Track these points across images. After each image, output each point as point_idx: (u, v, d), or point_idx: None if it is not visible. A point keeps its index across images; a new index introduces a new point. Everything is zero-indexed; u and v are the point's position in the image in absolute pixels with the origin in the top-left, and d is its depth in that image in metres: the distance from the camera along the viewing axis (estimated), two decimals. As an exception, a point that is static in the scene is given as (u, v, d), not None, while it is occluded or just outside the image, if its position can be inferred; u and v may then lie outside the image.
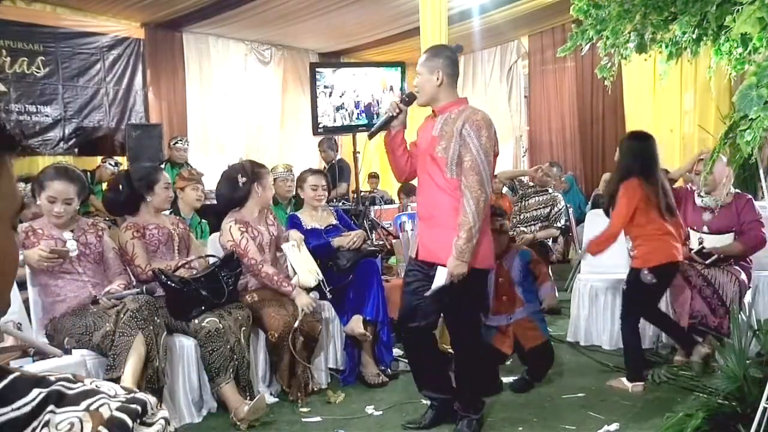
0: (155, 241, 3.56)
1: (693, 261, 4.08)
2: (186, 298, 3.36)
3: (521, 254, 3.78)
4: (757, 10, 1.69)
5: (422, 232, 3.08)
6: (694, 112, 8.06)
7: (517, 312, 3.72)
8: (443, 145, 2.95)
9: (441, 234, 2.95)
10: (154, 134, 7.00)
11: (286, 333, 3.50)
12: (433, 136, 3.00)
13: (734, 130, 1.78)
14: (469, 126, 2.91)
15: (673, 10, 2.28)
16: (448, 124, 2.98)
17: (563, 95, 9.64)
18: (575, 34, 2.51)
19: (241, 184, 3.76)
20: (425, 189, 3.05)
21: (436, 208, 2.99)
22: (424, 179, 3.06)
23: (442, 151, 2.95)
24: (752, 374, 2.67)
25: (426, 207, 3.05)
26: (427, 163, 3.01)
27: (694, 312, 3.93)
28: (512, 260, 3.75)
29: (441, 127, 3.00)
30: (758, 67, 1.70)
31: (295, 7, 7.25)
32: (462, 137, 2.90)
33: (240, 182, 3.76)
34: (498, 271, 3.64)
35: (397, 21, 7.89)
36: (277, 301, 3.63)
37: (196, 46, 8.29)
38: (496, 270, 3.57)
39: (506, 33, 9.38)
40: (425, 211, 3.06)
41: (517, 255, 3.77)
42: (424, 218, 3.08)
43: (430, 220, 3.02)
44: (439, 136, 2.98)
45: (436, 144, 2.98)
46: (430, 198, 3.01)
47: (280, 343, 3.53)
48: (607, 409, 3.42)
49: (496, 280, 3.67)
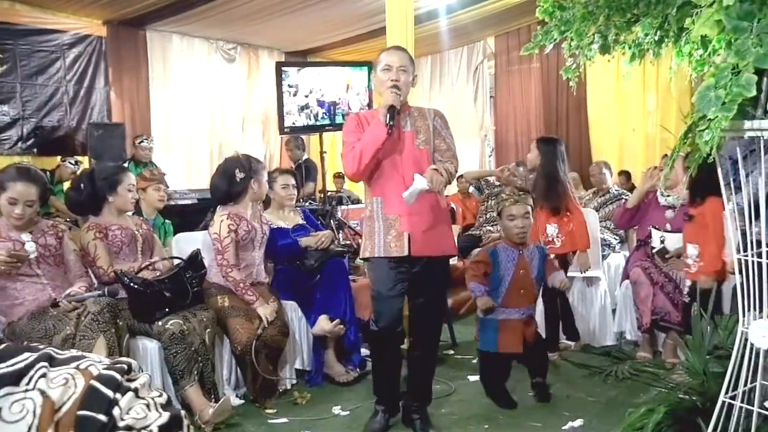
0: (118, 242, 3.50)
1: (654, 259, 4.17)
2: (149, 300, 3.31)
3: (539, 249, 3.64)
4: (715, 12, 1.72)
5: (413, 228, 2.97)
6: (656, 112, 8.22)
7: (530, 307, 3.55)
8: (422, 138, 3.05)
9: (432, 227, 3.01)
10: (116, 134, 6.89)
11: (250, 347, 3.46)
12: (406, 131, 3.04)
13: (693, 130, 1.81)
14: (440, 119, 3.15)
15: (636, 12, 2.31)
16: (416, 119, 3.08)
17: (529, 95, 9.74)
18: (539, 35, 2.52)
19: (238, 179, 3.72)
20: (409, 184, 2.90)
21: (425, 202, 2.97)
22: (407, 175, 2.93)
23: (423, 143, 3.04)
24: (712, 369, 2.71)
25: (414, 203, 2.92)
26: (407, 158, 3.00)
27: (656, 309, 4.02)
28: (533, 253, 3.57)
29: (410, 123, 3.06)
30: (716, 68, 1.73)
31: (261, 5, 7.19)
32: (436, 129, 3.10)
33: (237, 177, 3.72)
34: (519, 262, 3.50)
35: (364, 21, 7.88)
36: (245, 311, 3.57)
37: (159, 44, 8.16)
38: (517, 261, 3.49)
39: (473, 33, 9.44)
40: (413, 207, 2.93)
41: (536, 249, 3.61)
42: (411, 213, 2.96)
43: (420, 215, 2.98)
44: (414, 130, 3.05)
45: (414, 138, 3.03)
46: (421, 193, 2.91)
47: (244, 356, 3.49)
48: (572, 406, 3.46)
49: (516, 272, 3.48)
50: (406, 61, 3.04)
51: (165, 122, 8.20)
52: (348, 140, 3.05)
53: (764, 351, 2.00)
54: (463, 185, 7.42)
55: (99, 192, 3.51)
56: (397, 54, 3.07)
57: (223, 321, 3.55)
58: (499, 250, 3.53)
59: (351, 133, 3.05)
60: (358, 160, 2.95)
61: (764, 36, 1.66)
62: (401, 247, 2.97)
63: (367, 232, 3.09)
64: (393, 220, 3.00)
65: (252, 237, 3.73)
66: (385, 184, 3.03)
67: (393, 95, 2.93)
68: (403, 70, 3.01)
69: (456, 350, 4.54)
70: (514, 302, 3.47)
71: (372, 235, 3.05)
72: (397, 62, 3.01)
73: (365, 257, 3.11)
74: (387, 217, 3.01)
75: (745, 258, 2.03)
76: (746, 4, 1.69)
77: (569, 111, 9.22)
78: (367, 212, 3.13)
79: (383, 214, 3.03)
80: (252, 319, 3.55)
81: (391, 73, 2.99)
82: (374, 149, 2.93)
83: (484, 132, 10.32)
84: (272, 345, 3.58)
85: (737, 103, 1.68)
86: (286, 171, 4.36)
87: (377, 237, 3.02)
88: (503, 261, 3.50)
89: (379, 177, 3.04)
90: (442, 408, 3.47)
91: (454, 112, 10.44)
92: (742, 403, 2.07)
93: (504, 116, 10.07)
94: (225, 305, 3.60)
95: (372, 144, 2.92)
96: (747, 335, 2.03)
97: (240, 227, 3.67)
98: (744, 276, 2.03)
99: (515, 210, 3.50)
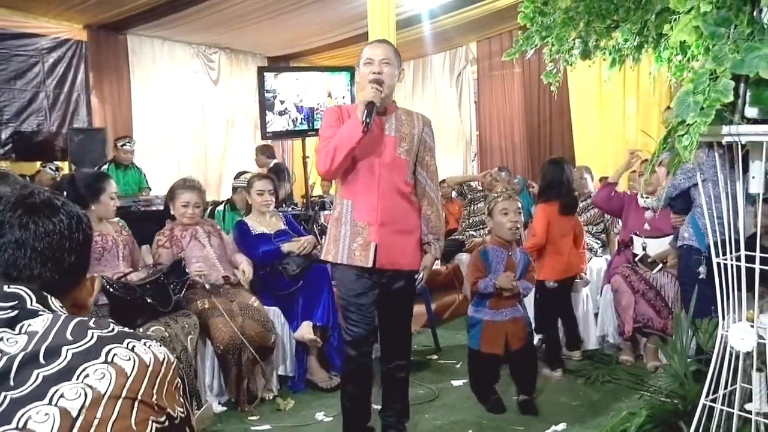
0: (99, 248, 3.46)
1: (636, 266, 4.21)
2: (131, 306, 3.28)
3: (525, 255, 3.60)
4: (693, 19, 1.74)
5: (381, 239, 2.80)
6: (637, 116, 8.28)
7: (515, 309, 3.48)
8: (405, 147, 2.86)
9: (401, 240, 2.86)
10: (97, 139, 6.83)
11: (232, 345, 3.46)
12: (390, 136, 2.84)
13: (672, 135, 1.83)
14: (428, 128, 2.97)
15: (616, 18, 2.33)
16: (402, 124, 2.88)
17: (512, 100, 9.78)
18: (521, 40, 2.54)
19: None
20: (385, 192, 2.81)
21: (398, 213, 2.84)
22: (383, 182, 2.81)
23: (405, 153, 2.86)
24: (693, 372, 2.74)
25: (386, 212, 2.81)
26: (385, 164, 2.82)
27: (638, 316, 4.05)
28: (519, 254, 3.53)
29: (395, 128, 2.86)
30: (695, 74, 1.75)
31: (243, 10, 7.17)
32: (423, 141, 2.93)
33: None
34: (508, 263, 3.45)
35: (346, 26, 7.88)
36: (226, 311, 3.57)
37: (141, 48, 8.11)
38: (506, 262, 3.44)
39: (455, 38, 9.47)
40: (385, 217, 2.81)
41: (521, 254, 3.58)
42: (382, 224, 2.81)
43: (392, 226, 2.82)
44: (399, 137, 2.85)
45: (396, 145, 2.84)
46: (391, 202, 2.82)
47: (226, 355, 3.47)
48: (555, 410, 3.47)
49: (504, 272, 3.44)
50: (390, 53, 2.82)
51: (146, 127, 8.14)
52: (325, 134, 2.84)
53: (744, 354, 2.02)
54: (446, 190, 7.43)
55: (81, 199, 3.47)
56: (381, 47, 2.86)
57: (204, 323, 3.53)
58: (489, 251, 3.50)
59: (329, 127, 2.84)
60: (330, 158, 2.73)
61: (741, 42, 1.68)
62: (366, 257, 2.81)
63: (332, 235, 2.89)
64: (362, 227, 2.82)
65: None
66: (358, 187, 2.83)
67: (373, 91, 2.69)
68: (387, 63, 2.79)
69: (440, 355, 4.54)
70: (499, 303, 3.44)
71: (337, 239, 2.86)
72: (380, 55, 2.79)
73: (327, 260, 2.95)
74: (356, 223, 2.83)
75: (724, 261, 2.05)
76: (723, 11, 1.71)
77: (552, 116, 9.27)
78: (336, 213, 2.91)
79: (352, 218, 2.83)
80: (234, 317, 3.54)
81: (374, 66, 2.77)
82: (348, 148, 2.71)
83: (467, 136, 10.36)
84: (256, 341, 3.56)
85: (715, 108, 1.70)
86: (263, 177, 4.34)
87: (342, 243, 2.84)
88: (494, 262, 3.46)
89: (353, 179, 2.84)
90: (426, 413, 3.47)
91: (438, 117, 10.44)
92: (722, 405, 2.08)
93: (487, 121, 10.11)
94: (205, 307, 3.60)
95: (346, 142, 2.70)
96: (726, 338, 2.04)
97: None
98: (723, 279, 2.05)
99: (508, 204, 3.45)
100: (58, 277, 1.10)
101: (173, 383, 1.02)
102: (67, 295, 1.12)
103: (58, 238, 1.09)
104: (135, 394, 0.96)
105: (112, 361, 0.97)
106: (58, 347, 0.96)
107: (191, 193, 3.90)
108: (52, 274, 1.09)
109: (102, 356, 0.97)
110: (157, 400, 0.98)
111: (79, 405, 0.91)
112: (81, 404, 0.92)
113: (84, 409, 0.91)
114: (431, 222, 2.96)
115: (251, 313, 3.66)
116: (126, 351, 0.99)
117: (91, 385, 0.94)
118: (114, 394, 0.94)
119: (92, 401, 0.92)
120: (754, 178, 1.94)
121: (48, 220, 1.09)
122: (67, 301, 1.12)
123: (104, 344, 0.98)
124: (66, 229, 1.11)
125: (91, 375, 0.94)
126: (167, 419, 0.99)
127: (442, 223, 3.03)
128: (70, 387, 0.92)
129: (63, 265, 1.10)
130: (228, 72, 9.19)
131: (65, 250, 1.10)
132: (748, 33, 1.69)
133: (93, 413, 0.92)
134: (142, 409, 0.96)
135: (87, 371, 0.94)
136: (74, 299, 1.15)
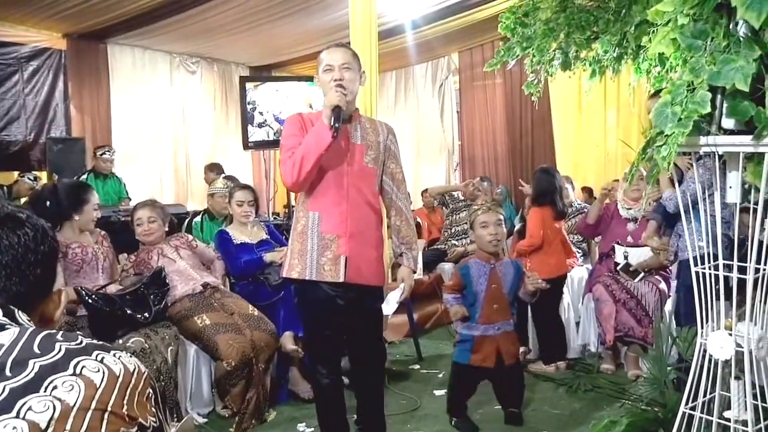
0: (78, 260, 3.42)
1: (618, 275, 4.24)
2: (110, 318, 3.24)
3: (514, 264, 3.56)
4: (671, 31, 1.77)
5: (351, 251, 2.68)
6: (617, 127, 8.38)
7: (506, 323, 3.43)
8: (372, 156, 2.76)
9: (369, 253, 2.75)
10: (76, 148, 6.77)
11: (244, 360, 3.41)
12: (356, 144, 2.74)
13: (651, 146, 1.85)
14: (392, 136, 2.88)
15: (595, 30, 2.36)
16: (367, 132, 2.79)
17: (494, 110, 9.83)
18: (502, 51, 2.56)
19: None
20: (354, 203, 2.70)
21: (365, 225, 2.74)
22: (352, 192, 2.70)
23: (372, 162, 2.77)
24: (673, 381, 2.76)
25: (356, 223, 2.70)
26: (354, 173, 2.71)
27: (619, 325, 4.08)
28: (506, 267, 3.48)
29: (361, 136, 2.77)
30: (672, 85, 1.77)
31: (224, 20, 7.15)
32: (388, 148, 2.84)
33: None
34: (492, 277, 3.41)
35: (328, 36, 7.88)
36: (232, 326, 3.53)
37: (121, 57, 8.05)
38: (489, 276, 3.40)
39: (437, 49, 9.51)
40: (355, 228, 2.69)
41: (511, 264, 3.54)
42: (352, 235, 2.69)
43: (360, 237, 2.71)
44: (365, 145, 2.75)
45: (363, 153, 2.74)
46: (360, 213, 2.72)
47: (236, 371, 3.41)
48: (537, 419, 3.48)
49: (488, 286, 3.39)
50: (349, 58, 2.73)
51: (127, 137, 8.08)
52: (287, 144, 2.69)
53: (722, 362, 2.04)
54: (428, 200, 7.46)
55: (64, 208, 3.44)
56: (340, 51, 2.74)
57: (209, 340, 3.47)
58: (471, 266, 3.45)
59: (292, 137, 2.70)
60: (298, 168, 2.59)
61: (717, 54, 1.71)
62: (336, 271, 2.67)
63: (297, 250, 2.72)
64: (330, 240, 2.68)
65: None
66: (325, 198, 2.70)
67: (338, 95, 2.58)
68: (347, 68, 2.69)
69: (422, 365, 4.54)
70: (489, 318, 3.39)
71: (303, 253, 2.70)
72: (339, 60, 2.69)
73: (292, 277, 2.76)
74: (323, 236, 2.68)
75: (702, 271, 2.07)
76: (700, 24, 1.74)
77: (533, 126, 9.34)
78: (299, 227, 2.75)
79: (319, 231, 2.69)
80: (241, 331, 3.51)
81: (334, 72, 2.67)
82: (317, 155, 2.57)
83: (449, 146, 10.40)
84: (267, 351, 3.54)
85: (693, 119, 1.72)
86: (244, 187, 4.31)
87: (309, 257, 2.68)
88: (475, 276, 3.40)
89: (319, 190, 2.71)
90: (407, 423, 3.46)
91: (420, 127, 10.51)
92: (701, 413, 2.10)
93: (469, 131, 10.15)
94: (206, 324, 3.53)
95: (315, 149, 2.57)
96: (705, 347, 2.06)
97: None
98: (702, 288, 2.07)
99: (487, 217, 3.44)
100: (24, 290, 1.09)
101: (144, 393, 1.02)
102: (34, 308, 1.12)
103: (23, 251, 1.09)
104: (105, 405, 0.95)
105: (81, 373, 0.96)
106: (25, 360, 0.95)
107: (143, 210, 3.88)
108: (17, 287, 1.08)
109: (70, 368, 0.96)
110: (128, 410, 0.97)
111: (48, 417, 0.91)
112: (50, 417, 0.91)
113: (53, 421, 0.91)
114: (401, 232, 2.88)
115: (256, 323, 3.62)
116: (95, 363, 0.98)
117: (59, 397, 0.93)
118: (83, 406, 0.93)
119: (61, 414, 0.92)
120: (731, 188, 1.97)
121: (12, 233, 1.08)
122: (35, 315, 1.11)
123: (72, 357, 0.98)
124: (31, 241, 1.10)
125: (59, 387, 0.94)
126: (139, 430, 0.99)
127: (413, 232, 2.92)
128: (38, 399, 0.92)
129: (29, 278, 1.09)
130: (210, 81, 9.17)
131: (31, 263, 1.09)
132: (725, 45, 1.71)
133: (62, 425, 0.91)
134: (112, 420, 0.95)
135: (55, 383, 0.94)
136: (41, 312, 1.14)
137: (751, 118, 1.76)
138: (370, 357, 2.90)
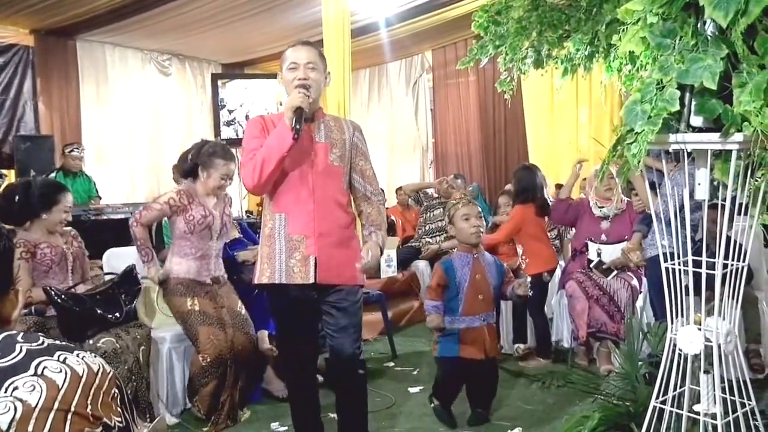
0: (47, 260, 3.35)
1: (591, 272, 4.28)
2: (80, 318, 3.19)
3: (496, 261, 3.52)
4: (641, 30, 1.79)
5: (320, 251, 2.61)
6: (589, 124, 8.47)
7: (489, 315, 3.39)
8: (338, 153, 2.70)
9: (341, 253, 2.68)
10: (44, 146, 6.67)
11: (219, 359, 3.36)
12: (320, 142, 2.67)
13: (621, 143, 1.87)
14: (359, 133, 2.82)
15: (567, 29, 2.38)
16: (331, 130, 2.72)
17: (467, 108, 9.89)
18: (475, 49, 2.57)
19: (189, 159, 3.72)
20: (320, 202, 2.64)
21: (335, 224, 2.67)
22: (318, 191, 2.64)
23: (338, 160, 2.70)
24: (644, 375, 2.80)
25: (323, 222, 2.63)
26: (319, 173, 2.65)
27: (592, 321, 4.11)
28: (489, 261, 3.45)
29: (325, 134, 2.70)
30: (642, 83, 1.79)
31: (196, 17, 7.08)
32: (355, 145, 2.78)
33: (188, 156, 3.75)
34: (475, 267, 3.36)
35: (301, 33, 7.81)
36: (218, 320, 3.48)
37: (90, 54, 7.94)
38: (472, 265, 3.36)
39: (410, 47, 9.54)
40: (323, 227, 2.62)
41: (493, 260, 3.50)
42: (320, 235, 2.62)
43: (330, 237, 2.64)
44: (330, 143, 2.69)
45: (328, 151, 2.67)
46: (328, 212, 2.65)
47: (210, 368, 3.36)
48: (510, 414, 3.50)
49: (472, 276, 3.34)
50: (314, 56, 2.66)
51: (97, 134, 7.98)
52: (249, 147, 2.63)
53: (692, 356, 2.07)
54: (403, 197, 7.46)
55: (33, 206, 3.37)
56: (305, 49, 2.67)
57: (192, 328, 3.43)
58: (453, 259, 3.43)
59: (253, 139, 2.65)
60: (259, 171, 2.53)
61: (686, 53, 1.73)
62: (306, 272, 2.60)
63: (266, 254, 2.66)
64: (298, 241, 2.62)
65: (209, 224, 3.59)
66: (290, 199, 2.64)
67: (301, 96, 2.53)
68: (312, 68, 2.62)
69: (396, 362, 4.54)
70: (474, 308, 3.34)
71: (271, 257, 2.64)
72: (304, 59, 2.62)
73: (262, 283, 2.69)
74: (291, 237, 2.62)
75: (672, 267, 2.10)
76: (669, 23, 1.76)
77: (506, 123, 9.41)
78: (266, 230, 2.68)
79: (286, 233, 2.62)
80: (225, 328, 3.46)
81: (298, 71, 2.60)
82: (278, 157, 2.52)
83: (423, 144, 10.42)
84: (242, 354, 3.48)
85: (662, 117, 1.74)
86: None
87: (278, 260, 2.62)
88: (458, 267, 3.37)
89: (284, 191, 2.65)
90: (383, 421, 3.45)
91: (394, 125, 10.53)
92: (672, 407, 2.13)
93: (443, 129, 10.20)
94: (195, 309, 3.47)
95: (276, 151, 2.52)
96: (675, 341, 2.09)
97: (192, 209, 3.54)
98: (672, 284, 2.10)
99: (468, 210, 3.42)
100: None
101: (109, 393, 1.01)
102: None
103: None
104: (68, 405, 0.94)
105: (42, 373, 0.95)
106: None
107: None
108: None
109: (31, 369, 0.95)
110: (92, 410, 0.96)
111: (9, 419, 0.89)
112: (11, 418, 0.90)
113: (14, 422, 0.90)
114: (371, 217, 2.82)
115: (240, 324, 3.56)
116: (57, 363, 0.97)
117: (20, 398, 0.92)
118: (45, 407, 0.92)
119: (23, 415, 0.91)
120: (699, 185, 2.00)
121: None
122: None
123: (33, 357, 0.97)
124: None
125: (20, 388, 0.93)
126: (104, 429, 0.98)
127: (383, 218, 2.88)
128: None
129: None
130: (182, 79, 9.07)
131: None
132: (693, 44, 1.74)
133: (24, 427, 0.90)
134: (75, 420, 0.94)
135: (16, 384, 0.93)
136: None
137: (719, 116, 1.79)
138: (351, 361, 2.76)
